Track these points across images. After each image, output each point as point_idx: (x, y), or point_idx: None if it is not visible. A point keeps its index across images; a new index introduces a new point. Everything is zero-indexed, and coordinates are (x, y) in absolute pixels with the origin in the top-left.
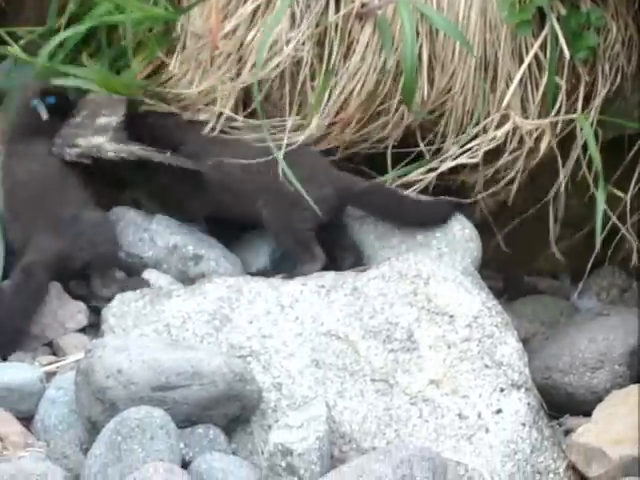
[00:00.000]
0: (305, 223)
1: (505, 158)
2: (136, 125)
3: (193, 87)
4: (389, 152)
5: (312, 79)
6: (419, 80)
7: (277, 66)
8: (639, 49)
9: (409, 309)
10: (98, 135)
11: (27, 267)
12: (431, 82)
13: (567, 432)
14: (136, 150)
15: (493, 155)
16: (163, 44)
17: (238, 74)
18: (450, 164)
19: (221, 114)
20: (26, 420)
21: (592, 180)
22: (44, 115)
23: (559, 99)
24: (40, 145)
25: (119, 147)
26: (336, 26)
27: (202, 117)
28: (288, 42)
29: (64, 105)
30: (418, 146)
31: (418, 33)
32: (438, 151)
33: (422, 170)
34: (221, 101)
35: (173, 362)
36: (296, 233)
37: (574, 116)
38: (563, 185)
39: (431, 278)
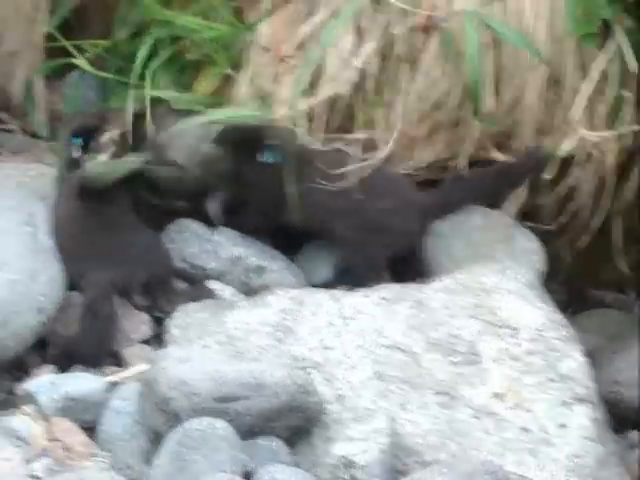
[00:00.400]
0: (383, 251)
1: (574, 171)
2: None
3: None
4: (463, 167)
5: (377, 93)
6: (485, 92)
7: (347, 81)
8: None
9: (472, 322)
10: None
11: (91, 305)
12: (498, 94)
13: (632, 447)
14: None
15: (561, 168)
16: (230, 60)
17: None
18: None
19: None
20: (90, 430)
21: None
22: (75, 153)
23: (626, 111)
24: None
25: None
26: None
27: None
28: (355, 56)
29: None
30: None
31: (485, 45)
32: None
33: None
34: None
35: (236, 373)
36: (371, 259)
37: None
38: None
39: (495, 291)
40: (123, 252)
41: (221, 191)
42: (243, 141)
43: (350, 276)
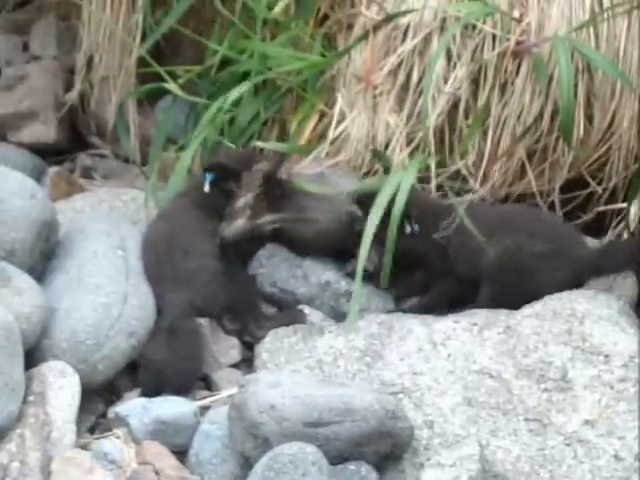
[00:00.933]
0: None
1: None
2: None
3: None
4: (556, 194)
5: (466, 117)
6: (577, 118)
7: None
8: None
9: (563, 348)
10: (239, 218)
11: (170, 327)
12: (590, 120)
13: None
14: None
15: None
16: (321, 93)
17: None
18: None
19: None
20: (181, 454)
21: None
22: (206, 187)
23: None
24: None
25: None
26: (492, 64)
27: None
28: (446, 81)
29: (226, 182)
30: (586, 188)
31: (576, 71)
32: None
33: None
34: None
35: (325, 398)
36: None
37: None
38: None
39: (586, 317)
40: (197, 276)
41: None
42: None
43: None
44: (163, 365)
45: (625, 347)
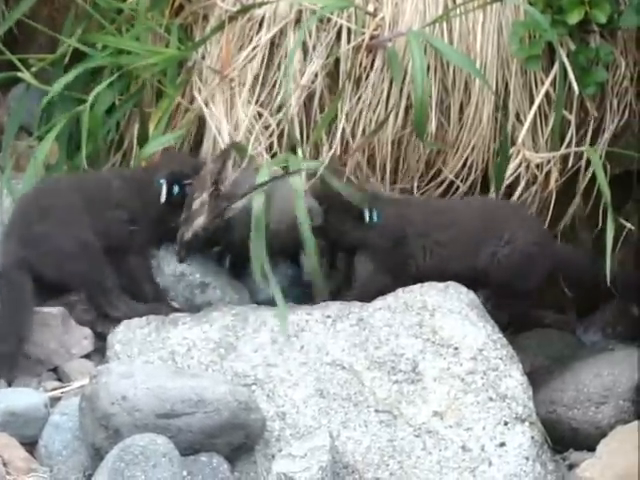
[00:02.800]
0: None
1: (519, 192)
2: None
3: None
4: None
5: (322, 111)
6: (431, 113)
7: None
8: None
9: (414, 340)
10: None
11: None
12: (446, 115)
13: (571, 467)
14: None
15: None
16: (180, 87)
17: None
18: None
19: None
20: (30, 445)
21: (601, 214)
22: (162, 198)
23: (568, 133)
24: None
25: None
26: (347, 58)
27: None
28: (302, 74)
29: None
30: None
31: (431, 65)
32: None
33: None
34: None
35: (178, 390)
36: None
37: (583, 149)
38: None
39: (437, 310)
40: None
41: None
42: (347, 204)
43: (295, 292)
44: None
45: (474, 340)
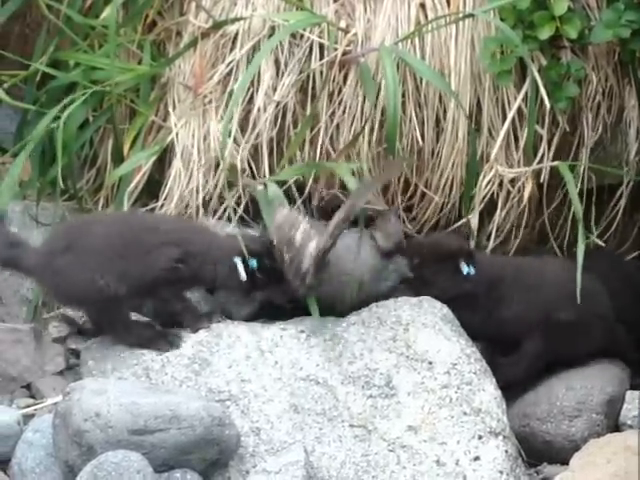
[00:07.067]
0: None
1: (498, 209)
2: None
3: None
4: (398, 205)
5: (295, 127)
6: (405, 128)
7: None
8: (619, 100)
9: (388, 355)
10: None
11: None
12: (420, 131)
13: None
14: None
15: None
16: (154, 104)
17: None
18: None
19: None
20: (3, 463)
21: (573, 229)
22: (242, 276)
23: (541, 148)
24: None
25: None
26: (320, 74)
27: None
28: (274, 89)
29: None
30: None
31: (404, 81)
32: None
33: None
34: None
35: (151, 406)
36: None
37: (555, 164)
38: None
39: (410, 324)
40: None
41: None
42: (445, 254)
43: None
44: None
45: (448, 354)
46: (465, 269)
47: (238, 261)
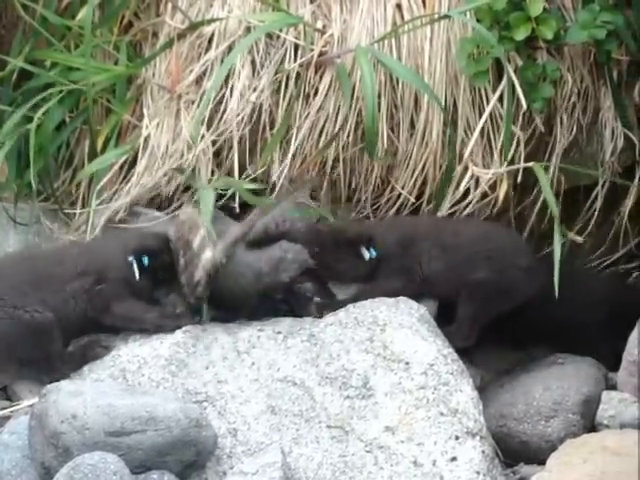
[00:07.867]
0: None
1: (471, 207)
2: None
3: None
4: (368, 203)
5: (271, 127)
6: (381, 128)
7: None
8: (594, 101)
9: (365, 356)
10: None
11: None
12: (396, 131)
13: None
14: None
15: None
16: (129, 104)
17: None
18: None
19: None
20: None
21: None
22: (136, 275)
23: (517, 148)
24: None
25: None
26: (296, 75)
27: None
28: (251, 89)
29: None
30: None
31: (380, 82)
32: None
33: None
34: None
35: (128, 407)
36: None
37: (530, 164)
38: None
39: (387, 325)
40: None
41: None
42: (345, 241)
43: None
44: None
45: (425, 355)
46: (367, 254)
47: (133, 260)
